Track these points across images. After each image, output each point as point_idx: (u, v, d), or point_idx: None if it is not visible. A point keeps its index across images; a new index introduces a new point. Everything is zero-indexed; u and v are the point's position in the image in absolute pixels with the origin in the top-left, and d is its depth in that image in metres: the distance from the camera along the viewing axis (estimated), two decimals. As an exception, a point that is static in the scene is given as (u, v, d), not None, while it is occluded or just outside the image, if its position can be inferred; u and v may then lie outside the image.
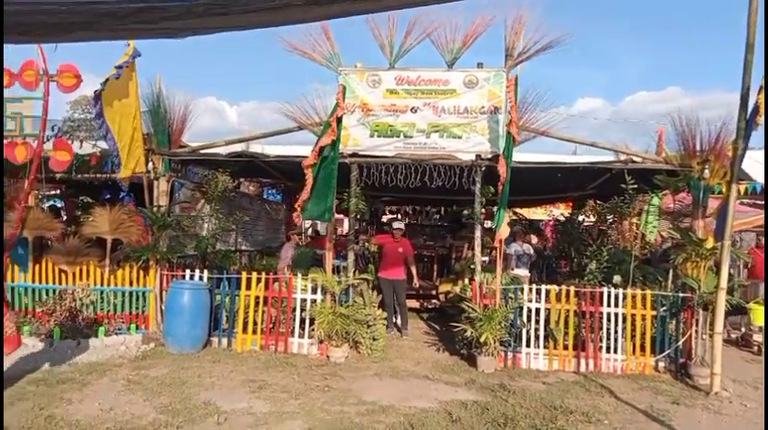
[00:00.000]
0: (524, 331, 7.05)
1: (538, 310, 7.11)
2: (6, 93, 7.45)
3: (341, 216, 12.80)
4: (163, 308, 7.53)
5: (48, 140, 7.52)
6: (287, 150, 8.18)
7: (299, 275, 7.55)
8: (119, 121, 7.05)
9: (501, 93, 7.19)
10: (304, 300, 7.49)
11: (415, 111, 7.30)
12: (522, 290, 7.18)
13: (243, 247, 10.79)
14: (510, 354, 7.06)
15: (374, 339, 7.33)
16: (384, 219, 14.08)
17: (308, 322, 7.40)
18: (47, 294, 7.70)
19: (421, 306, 10.21)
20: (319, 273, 7.35)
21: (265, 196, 12.91)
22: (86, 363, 6.47)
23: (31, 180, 7.49)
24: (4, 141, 7.45)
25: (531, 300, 7.13)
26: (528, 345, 7.07)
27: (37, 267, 7.75)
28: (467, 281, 9.57)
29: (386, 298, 8.36)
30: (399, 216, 13.27)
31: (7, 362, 6.36)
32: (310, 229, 13.53)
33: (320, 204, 6.85)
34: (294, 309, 7.47)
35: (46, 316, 7.48)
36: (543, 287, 7.11)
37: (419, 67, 7.38)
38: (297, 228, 10.54)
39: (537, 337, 7.05)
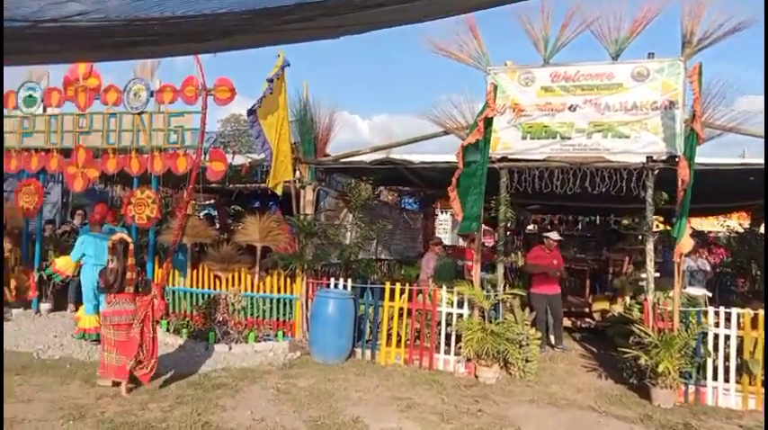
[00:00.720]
0: (710, 362, 6.00)
1: (727, 337, 6.03)
2: (170, 107, 7.96)
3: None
4: (308, 316, 7.53)
5: (205, 152, 7.86)
6: (425, 158, 7.84)
7: (444, 288, 7.14)
8: (269, 132, 7.18)
9: (678, 85, 6.25)
10: (449, 314, 7.07)
11: (574, 109, 6.59)
12: (705, 313, 6.14)
13: (382, 256, 10.65)
14: (692, 388, 6.05)
15: (527, 360, 6.69)
16: (529, 228, 13.26)
17: (453, 338, 6.96)
18: (202, 298, 8.05)
19: (573, 325, 9.32)
20: (465, 286, 6.89)
21: (402, 205, 12.75)
22: (238, 369, 6.57)
23: (191, 189, 7.89)
24: (169, 153, 7.96)
25: (717, 325, 6.06)
26: (714, 379, 6.01)
27: (194, 272, 8.14)
28: (628, 299, 8.58)
29: (539, 314, 7.67)
30: (550, 226, 12.37)
31: (168, 360, 6.68)
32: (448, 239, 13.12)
33: (467, 213, 6.42)
34: (439, 323, 7.08)
35: (201, 319, 7.82)
36: (734, 311, 6.01)
37: (578, 62, 6.67)
38: (436, 237, 10.17)
39: (726, 370, 5.97)
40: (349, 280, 7.48)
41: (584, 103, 6.52)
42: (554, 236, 8.17)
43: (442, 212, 15.56)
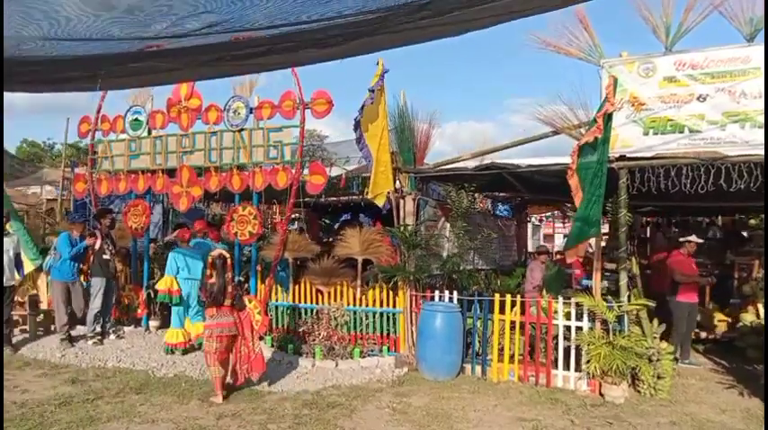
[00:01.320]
0: None
1: None
2: (268, 123, 8.01)
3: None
4: (413, 330, 7.28)
5: (304, 166, 7.84)
6: (531, 161, 7.41)
7: (561, 299, 6.66)
8: (372, 144, 7.04)
9: (829, 65, 5.52)
10: (566, 328, 6.58)
11: (704, 99, 5.98)
12: None
13: (479, 266, 10.25)
14: None
15: (659, 377, 6.09)
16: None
17: (573, 352, 6.47)
18: (305, 313, 7.99)
19: (696, 335, 8.50)
20: (585, 297, 6.39)
21: (496, 212, 12.29)
22: (348, 386, 6.40)
23: (291, 204, 7.87)
24: (269, 168, 7.99)
25: None
26: None
27: (296, 287, 8.10)
28: (761, 307, 7.73)
29: (679, 326, 7.05)
30: (668, 228, 11.48)
31: (278, 377, 6.62)
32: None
33: (585, 216, 5.95)
34: (555, 337, 6.60)
35: (306, 335, 7.74)
36: None
37: (705, 48, 6.06)
38: (542, 246, 9.65)
39: None
40: (454, 292, 7.17)
41: (716, 92, 5.90)
42: (695, 239, 7.51)
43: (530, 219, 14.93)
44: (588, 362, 6.23)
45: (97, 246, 8.18)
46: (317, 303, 7.96)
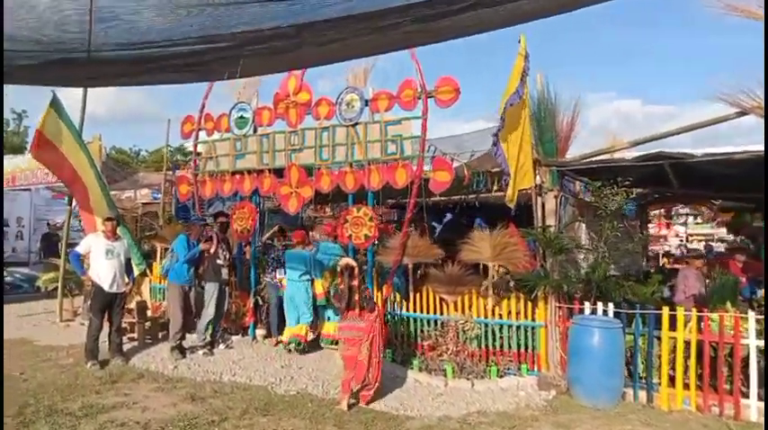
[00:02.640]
0: None
1: None
2: (387, 115, 7.31)
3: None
4: (561, 347, 6.34)
5: (427, 161, 7.09)
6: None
7: (752, 314, 5.54)
8: (507, 136, 6.16)
9: None
10: (759, 349, 5.45)
11: None
12: None
13: (611, 272, 9.14)
14: None
15: None
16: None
17: (770, 379, 5.34)
18: (428, 325, 7.22)
19: None
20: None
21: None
22: (495, 413, 5.55)
23: (413, 204, 7.13)
24: (387, 165, 7.29)
25: None
26: None
27: (417, 295, 7.35)
28: None
29: None
30: None
31: (412, 399, 5.88)
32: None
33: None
34: (746, 360, 5.49)
35: (429, 349, 6.97)
36: None
37: None
38: (696, 250, 8.42)
39: None
40: (609, 304, 6.18)
41: None
42: None
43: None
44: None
45: (212, 250, 7.77)
46: (440, 313, 7.16)
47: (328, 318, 7.89)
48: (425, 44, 3.33)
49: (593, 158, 6.28)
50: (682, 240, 22.88)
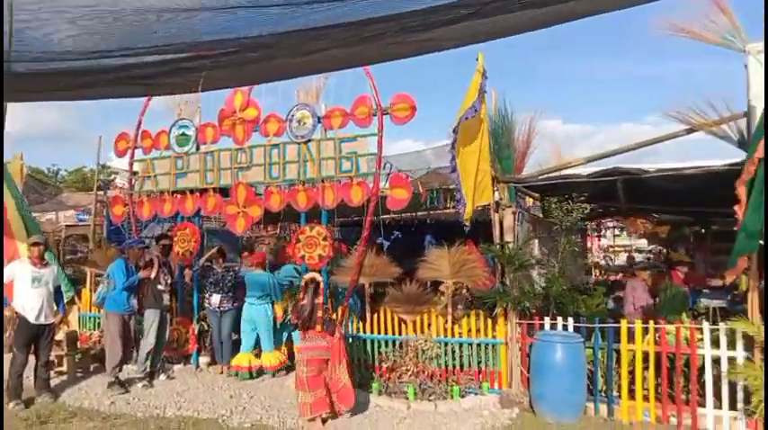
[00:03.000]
0: None
1: None
2: (341, 132, 7.13)
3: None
4: (521, 363, 6.31)
5: (384, 179, 6.95)
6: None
7: (706, 324, 5.72)
8: (463, 151, 6.14)
9: None
10: (715, 358, 5.62)
11: None
12: None
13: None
14: None
15: (840, 416, 5.11)
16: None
17: (725, 388, 5.50)
18: (386, 346, 7.02)
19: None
20: (740, 321, 5.43)
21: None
22: (464, 435, 5.42)
23: (369, 222, 6.95)
24: (341, 183, 7.10)
25: None
26: None
27: (374, 316, 7.14)
28: None
29: None
30: None
31: (381, 425, 5.64)
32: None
33: (747, 227, 5.05)
34: (701, 370, 5.64)
35: (387, 371, 6.76)
36: None
37: None
38: (642, 262, 8.68)
39: None
40: (569, 319, 6.22)
41: None
42: None
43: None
44: (746, 399, 5.28)
45: (153, 275, 7.24)
46: (398, 334, 6.98)
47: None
48: (410, 56, 3.17)
49: (552, 174, 6.36)
50: (605, 251, 23.83)
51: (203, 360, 8.17)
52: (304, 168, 7.32)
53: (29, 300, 6.45)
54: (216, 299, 7.74)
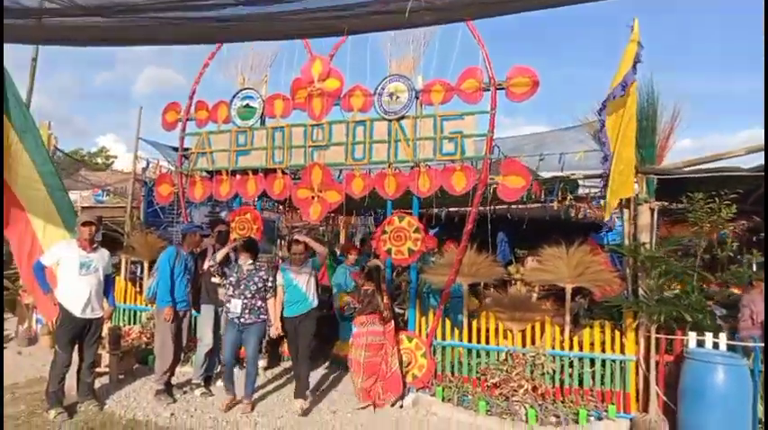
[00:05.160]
0: None
1: None
2: (443, 109, 6.16)
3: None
4: (657, 385, 5.37)
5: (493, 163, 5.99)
6: None
7: None
8: (612, 137, 5.21)
9: None
10: None
11: None
12: None
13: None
14: None
15: None
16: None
17: None
18: (487, 356, 6.05)
19: None
20: None
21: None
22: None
23: (474, 214, 5.99)
24: (441, 167, 6.14)
25: None
26: None
27: (474, 323, 6.17)
28: None
29: None
30: None
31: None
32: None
33: None
34: None
35: (494, 388, 5.80)
36: None
37: None
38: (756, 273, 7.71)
39: None
40: (721, 334, 5.30)
41: None
42: None
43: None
44: None
45: (206, 267, 6.22)
46: (504, 344, 6.02)
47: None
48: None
49: (703, 166, 5.43)
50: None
51: (261, 363, 7.14)
52: (395, 149, 6.34)
53: (75, 290, 5.42)
54: (236, 305, 5.68)
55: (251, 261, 5.82)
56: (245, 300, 5.68)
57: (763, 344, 5.15)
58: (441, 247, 6.89)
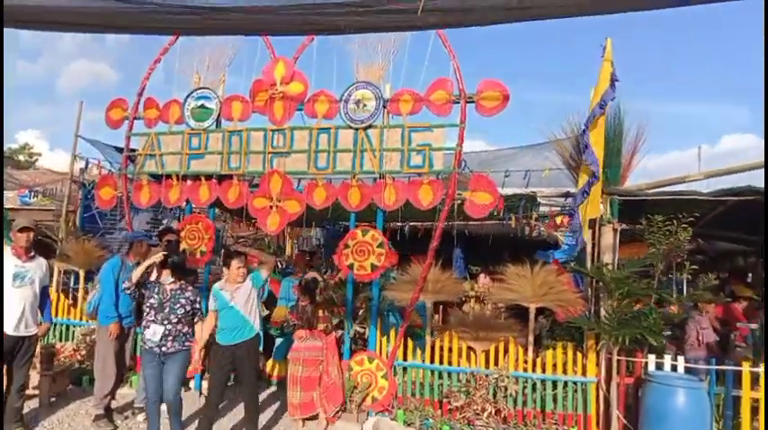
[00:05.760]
0: None
1: None
2: (413, 120, 5.99)
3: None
4: (608, 406, 5.36)
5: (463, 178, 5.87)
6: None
7: None
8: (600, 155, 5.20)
9: None
10: None
11: None
12: None
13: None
14: None
15: None
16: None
17: None
18: (449, 378, 5.89)
19: None
20: None
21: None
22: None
23: (440, 230, 5.85)
24: (408, 180, 5.97)
25: None
26: None
27: (437, 342, 6.00)
28: None
29: None
30: None
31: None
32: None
33: None
34: None
35: (455, 411, 5.65)
36: None
37: None
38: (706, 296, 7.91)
39: None
40: (679, 357, 5.36)
41: None
42: None
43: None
44: None
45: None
46: (466, 365, 5.88)
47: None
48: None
49: (665, 188, 5.50)
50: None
51: (206, 384, 6.70)
52: (360, 159, 6.11)
53: (8, 304, 4.86)
54: (156, 333, 4.75)
55: (173, 279, 4.92)
56: (170, 326, 4.77)
57: (722, 367, 5.24)
58: (406, 263, 6.70)
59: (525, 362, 5.74)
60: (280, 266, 10.45)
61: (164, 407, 4.93)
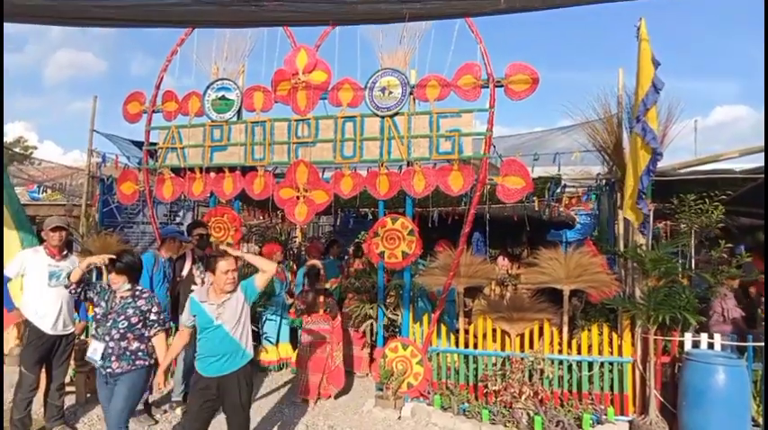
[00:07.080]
0: None
1: None
2: (438, 106, 5.93)
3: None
4: (656, 387, 5.40)
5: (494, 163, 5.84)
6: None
7: None
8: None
9: None
10: None
11: None
12: None
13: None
14: None
15: None
16: None
17: None
18: (483, 362, 5.91)
19: None
20: None
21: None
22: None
23: (472, 216, 5.83)
24: (437, 167, 5.94)
25: None
26: None
27: (472, 326, 6.02)
28: None
29: None
30: None
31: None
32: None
33: None
34: None
35: (491, 395, 5.68)
36: None
37: None
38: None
39: None
40: (716, 335, 5.39)
41: None
42: None
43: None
44: None
45: (185, 272, 5.76)
46: (502, 349, 5.91)
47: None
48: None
49: (696, 168, 5.48)
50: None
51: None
52: (388, 147, 6.06)
53: (44, 303, 4.85)
54: (96, 350, 3.98)
55: (128, 286, 4.06)
56: (112, 343, 3.92)
57: (759, 344, 5.27)
58: (430, 249, 6.69)
59: (560, 344, 5.77)
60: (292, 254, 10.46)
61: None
